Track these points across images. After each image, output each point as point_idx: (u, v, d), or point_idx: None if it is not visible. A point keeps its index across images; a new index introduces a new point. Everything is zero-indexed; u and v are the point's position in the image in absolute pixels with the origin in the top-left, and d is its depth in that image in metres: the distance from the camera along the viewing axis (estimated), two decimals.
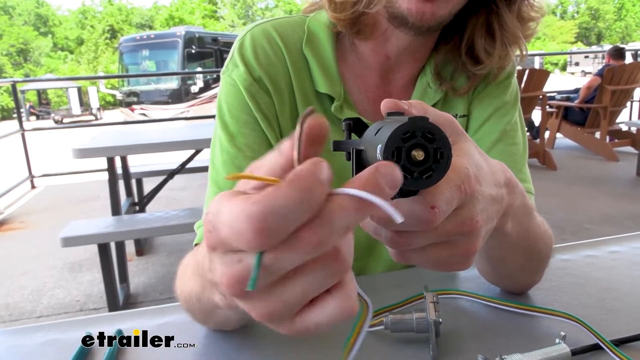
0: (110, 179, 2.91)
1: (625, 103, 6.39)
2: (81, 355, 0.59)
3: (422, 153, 0.30)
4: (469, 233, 0.38)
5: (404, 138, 0.30)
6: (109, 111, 24.18)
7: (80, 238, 2.38)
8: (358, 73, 0.78)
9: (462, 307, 0.65)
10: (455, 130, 0.42)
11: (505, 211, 0.45)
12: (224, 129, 0.74)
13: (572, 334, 0.56)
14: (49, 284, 3.23)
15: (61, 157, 6.29)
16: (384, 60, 0.77)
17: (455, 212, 0.37)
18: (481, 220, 0.39)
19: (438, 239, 0.37)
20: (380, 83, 0.79)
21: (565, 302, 0.66)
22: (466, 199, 0.37)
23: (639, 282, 0.70)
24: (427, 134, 0.30)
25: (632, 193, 4.78)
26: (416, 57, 0.78)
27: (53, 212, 5.07)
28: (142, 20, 48.67)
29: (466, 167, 0.37)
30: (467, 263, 0.40)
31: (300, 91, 0.76)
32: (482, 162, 0.41)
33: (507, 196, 0.45)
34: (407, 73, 0.80)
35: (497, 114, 0.79)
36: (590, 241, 0.86)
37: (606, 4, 60.46)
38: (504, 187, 0.44)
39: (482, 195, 0.39)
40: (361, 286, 0.72)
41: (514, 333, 0.59)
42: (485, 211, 0.40)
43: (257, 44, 0.76)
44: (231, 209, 0.26)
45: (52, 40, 46.21)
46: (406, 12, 0.65)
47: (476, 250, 0.39)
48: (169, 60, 15.44)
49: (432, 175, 0.31)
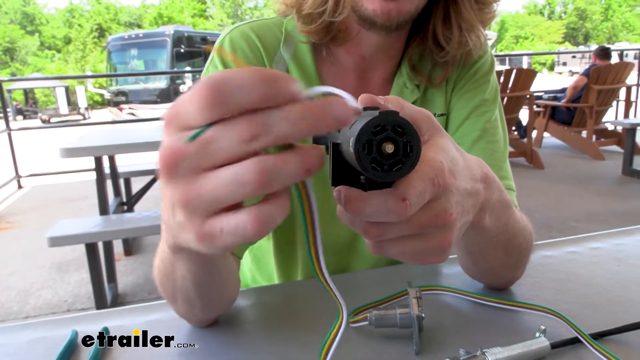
0: (98, 179, 2.90)
1: (611, 102, 6.46)
2: (67, 353, 0.59)
3: (392, 146, 0.31)
4: (442, 225, 0.39)
5: (375, 131, 0.31)
6: (97, 111, 23.98)
7: (67, 238, 2.36)
8: (335, 74, 0.79)
9: (445, 303, 0.66)
10: (431, 126, 0.42)
11: (482, 206, 0.46)
12: None
13: (552, 328, 0.57)
14: (36, 285, 3.20)
15: (48, 157, 6.24)
16: (360, 61, 0.78)
17: (428, 205, 0.37)
18: (455, 213, 0.39)
19: (412, 230, 0.38)
20: (358, 84, 0.80)
21: (546, 297, 0.67)
22: (439, 192, 0.37)
23: (619, 278, 0.72)
24: (397, 128, 0.31)
25: (617, 191, 4.83)
26: (391, 54, 0.79)
27: (40, 212, 5.03)
28: (130, 19, 48.36)
29: (440, 162, 0.38)
30: (443, 255, 0.41)
31: None
32: (458, 157, 0.42)
33: (484, 191, 0.46)
34: (384, 71, 0.80)
35: (477, 112, 0.79)
36: (572, 238, 0.87)
37: (593, 4, 61.06)
38: (480, 182, 0.45)
39: (456, 189, 0.40)
40: (345, 283, 0.73)
41: (495, 327, 0.60)
42: (459, 204, 0.40)
43: (236, 46, 0.77)
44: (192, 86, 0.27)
45: (39, 39, 45.80)
46: (372, 14, 0.66)
47: (451, 242, 0.40)
48: (157, 60, 15.38)
49: (402, 167, 0.32)
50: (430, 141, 0.41)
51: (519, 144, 5.94)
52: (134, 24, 47.67)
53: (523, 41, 58.62)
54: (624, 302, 0.65)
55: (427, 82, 0.80)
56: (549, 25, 60.50)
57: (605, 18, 60.88)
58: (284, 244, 0.85)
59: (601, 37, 58.67)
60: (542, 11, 66.25)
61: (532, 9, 66.86)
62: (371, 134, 0.31)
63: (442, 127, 0.43)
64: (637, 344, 0.55)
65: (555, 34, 58.69)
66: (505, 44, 59.39)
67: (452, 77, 0.82)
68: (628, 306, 0.63)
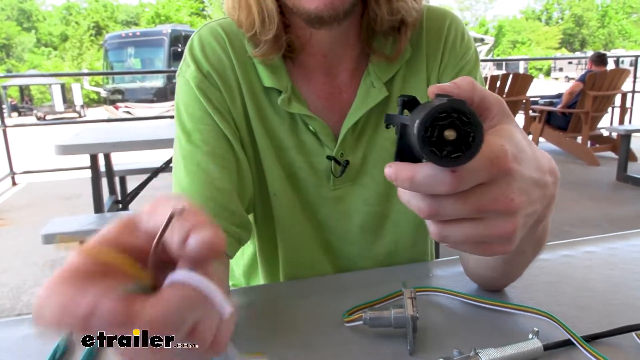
0: (94, 177, 2.89)
1: (606, 109, 6.50)
2: (62, 349, 0.59)
3: (454, 133, 0.32)
4: (504, 211, 0.38)
5: (440, 117, 0.32)
6: (93, 109, 23.90)
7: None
8: (303, 75, 0.79)
9: (440, 304, 0.67)
10: (502, 110, 0.42)
11: (550, 200, 0.45)
12: (181, 127, 0.75)
13: (545, 330, 0.58)
14: (29, 282, 3.19)
15: (43, 154, 6.22)
16: (322, 60, 0.78)
17: (487, 187, 0.37)
18: (518, 200, 0.38)
19: (469, 212, 0.37)
20: (326, 80, 0.80)
21: (540, 299, 0.67)
22: (498, 174, 0.37)
23: (612, 281, 0.72)
24: (462, 117, 0.32)
25: (612, 197, 4.86)
26: (349, 42, 0.78)
27: (34, 209, 5.01)
28: (127, 17, 48.27)
29: (502, 145, 0.37)
30: (508, 245, 0.40)
31: (247, 87, 0.77)
32: (525, 145, 0.41)
33: (553, 185, 0.45)
34: (350, 63, 0.80)
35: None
36: (567, 241, 0.88)
37: (590, 11, 61.43)
38: (549, 175, 0.44)
39: (520, 176, 0.38)
40: (340, 283, 0.73)
41: (489, 329, 0.60)
42: (524, 192, 0.39)
43: (204, 42, 0.77)
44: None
45: (36, 36, 45.65)
46: (316, 11, 0.65)
47: (515, 230, 0.39)
48: (154, 58, 15.36)
49: (461, 156, 0.32)
50: (498, 126, 0.41)
51: None
52: (131, 23, 47.57)
53: (520, 46, 58.85)
54: (616, 305, 0.65)
55: (383, 58, 0.78)
56: (546, 31, 60.78)
57: (601, 25, 61.23)
58: (267, 249, 0.85)
59: (597, 43, 59.01)
60: (540, 17, 66.57)
61: (529, 14, 67.17)
62: (435, 119, 0.32)
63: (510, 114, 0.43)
64: (628, 346, 0.56)
65: (552, 40, 58.97)
66: (502, 48, 59.64)
67: (432, 74, 0.81)
68: (620, 309, 0.64)
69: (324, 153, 0.79)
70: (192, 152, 0.73)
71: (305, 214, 0.82)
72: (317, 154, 0.80)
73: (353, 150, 0.80)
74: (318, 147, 0.79)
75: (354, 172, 0.81)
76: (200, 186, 0.71)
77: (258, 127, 0.78)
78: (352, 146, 0.80)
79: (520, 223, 0.39)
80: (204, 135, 0.74)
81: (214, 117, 0.74)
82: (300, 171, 0.80)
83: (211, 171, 0.71)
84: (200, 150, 0.73)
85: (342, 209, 0.82)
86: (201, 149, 0.73)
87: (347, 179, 0.81)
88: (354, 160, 0.80)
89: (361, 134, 0.80)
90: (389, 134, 0.80)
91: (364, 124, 0.80)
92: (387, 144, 0.80)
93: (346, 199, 0.82)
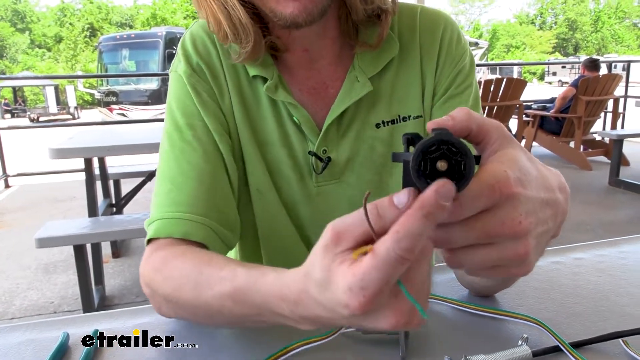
0: (88, 180, 2.89)
1: (599, 113, 6.54)
2: (58, 356, 0.59)
3: (446, 164, 0.34)
4: (513, 235, 0.38)
5: (430, 150, 0.34)
6: (87, 110, 23.83)
7: (56, 239, 2.35)
8: (287, 71, 0.78)
9: (432, 310, 0.68)
10: (501, 135, 0.42)
11: (562, 218, 0.45)
12: (173, 123, 0.75)
13: (534, 336, 0.59)
14: (22, 285, 3.18)
15: (37, 156, 6.19)
16: (304, 54, 0.77)
17: (493, 212, 0.38)
18: (526, 222, 0.39)
19: (480, 239, 0.38)
20: (309, 75, 0.79)
21: (529, 306, 0.68)
22: (502, 199, 0.37)
23: (600, 288, 0.74)
24: (451, 148, 0.34)
25: (604, 201, 4.90)
26: (329, 35, 0.77)
27: (27, 212, 4.99)
28: (122, 19, 48.15)
29: (504, 170, 0.38)
30: (525, 267, 0.40)
31: (232, 78, 0.77)
32: (528, 167, 0.41)
33: (565, 202, 0.45)
34: (332, 56, 0.79)
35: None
36: (556, 248, 0.89)
37: (583, 16, 61.81)
38: (559, 192, 0.45)
39: (525, 198, 0.39)
40: None
41: (479, 335, 0.61)
42: (533, 214, 0.40)
43: (195, 36, 0.78)
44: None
45: (30, 37, 45.45)
46: (291, 17, 0.65)
47: (528, 252, 0.39)
48: (149, 61, 15.31)
49: (455, 184, 0.34)
50: (499, 152, 0.41)
51: None
52: (125, 24, 47.47)
53: (514, 50, 59.13)
54: (604, 312, 0.66)
55: (366, 47, 0.77)
56: (540, 35, 61.11)
57: (595, 29, 61.63)
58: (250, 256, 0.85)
59: (591, 48, 59.36)
60: (534, 21, 66.92)
61: (523, 19, 67.50)
62: (426, 153, 0.34)
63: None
64: (616, 353, 0.57)
65: (545, 44, 59.28)
66: (496, 52, 59.88)
67: (428, 82, 0.80)
68: (608, 316, 0.65)
69: (308, 148, 0.78)
70: (185, 150, 0.72)
71: (289, 211, 0.81)
72: (301, 148, 0.79)
73: (337, 147, 0.79)
74: (302, 140, 0.78)
75: (339, 170, 0.80)
76: (192, 185, 0.70)
77: (242, 120, 0.77)
78: (336, 143, 0.78)
79: (532, 244, 0.40)
80: (197, 132, 0.73)
81: (203, 113, 0.74)
82: (284, 166, 0.79)
83: (203, 170, 0.71)
84: (192, 147, 0.72)
85: (326, 207, 0.81)
86: (193, 146, 0.72)
87: (331, 177, 0.80)
88: (338, 157, 0.79)
89: (347, 130, 0.79)
90: (378, 134, 0.79)
91: (350, 120, 0.78)
92: (377, 144, 0.79)
93: (330, 197, 0.81)
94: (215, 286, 0.53)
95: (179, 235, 0.67)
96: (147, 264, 0.66)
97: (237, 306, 0.51)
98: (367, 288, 0.34)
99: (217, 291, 0.53)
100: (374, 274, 0.34)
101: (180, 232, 0.67)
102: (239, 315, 0.52)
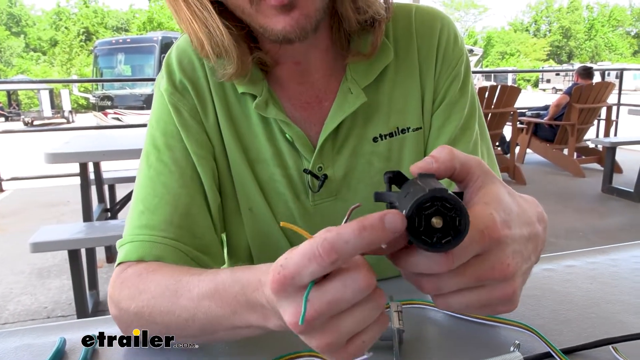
0: (83, 185, 2.88)
1: (592, 121, 6.59)
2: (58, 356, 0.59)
3: (441, 221, 0.34)
4: (501, 278, 0.39)
5: (425, 207, 0.34)
6: (82, 114, 23.74)
7: (50, 244, 2.34)
8: (278, 85, 0.75)
9: (425, 317, 0.68)
10: (483, 171, 0.43)
11: (542, 247, 0.47)
12: (152, 142, 0.72)
13: (526, 342, 0.60)
14: (16, 290, 3.16)
15: (31, 160, 6.17)
16: (296, 67, 0.74)
17: (482, 258, 0.39)
18: (513, 263, 0.40)
19: (469, 283, 0.39)
20: (302, 89, 0.76)
21: (522, 312, 0.69)
22: (491, 244, 0.38)
23: (591, 295, 0.74)
24: (445, 204, 0.34)
25: (597, 208, 4.92)
26: (321, 46, 0.74)
27: (21, 216, 4.97)
28: (118, 23, 48.09)
29: (491, 214, 0.39)
30: (511, 305, 0.42)
31: (219, 97, 0.74)
32: (510, 204, 0.42)
33: (543, 232, 0.47)
34: (324, 68, 0.76)
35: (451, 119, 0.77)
36: (548, 255, 0.90)
37: (577, 24, 62.23)
38: (538, 223, 0.46)
39: (511, 239, 0.40)
40: None
41: (472, 341, 0.62)
42: (518, 253, 0.41)
43: (181, 53, 0.75)
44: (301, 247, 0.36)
45: (25, 41, 45.31)
46: (284, 32, 0.61)
47: (515, 291, 0.41)
48: (145, 65, 15.27)
49: (451, 240, 0.35)
50: (482, 190, 0.42)
51: (502, 159, 6.03)
52: (121, 29, 47.41)
53: (509, 57, 59.44)
54: (594, 319, 0.67)
55: (359, 56, 0.73)
56: (534, 43, 61.45)
57: (588, 37, 62.06)
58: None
59: (584, 55, 59.76)
60: (528, 28, 67.31)
61: (518, 26, 67.89)
62: (420, 210, 0.34)
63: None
64: (606, 359, 0.58)
65: (540, 52, 59.62)
66: (491, 59, 60.17)
67: (427, 89, 0.78)
68: (598, 323, 0.66)
69: (302, 165, 0.75)
70: (161, 171, 0.70)
71: (284, 230, 0.77)
72: (295, 166, 0.75)
73: (333, 163, 0.75)
74: (296, 158, 0.75)
75: (335, 187, 0.77)
76: (166, 209, 0.68)
77: (230, 139, 0.74)
78: (332, 159, 0.75)
79: (519, 282, 0.42)
80: (174, 154, 0.71)
81: (183, 134, 0.71)
82: (278, 185, 0.76)
83: (179, 195, 0.69)
84: (168, 169, 0.70)
85: (322, 224, 0.76)
86: (169, 168, 0.70)
87: (328, 194, 0.77)
88: (335, 174, 0.76)
89: (343, 145, 0.75)
90: (375, 149, 0.76)
91: (345, 135, 0.75)
92: (375, 159, 0.77)
93: (326, 214, 0.78)
94: (194, 289, 0.52)
95: (151, 258, 0.65)
96: (118, 281, 0.64)
97: (214, 304, 0.50)
98: (286, 267, 0.36)
99: (196, 293, 0.52)
100: (295, 257, 0.36)
101: (153, 255, 0.65)
102: (214, 317, 0.50)
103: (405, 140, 0.78)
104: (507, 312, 0.42)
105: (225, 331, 0.52)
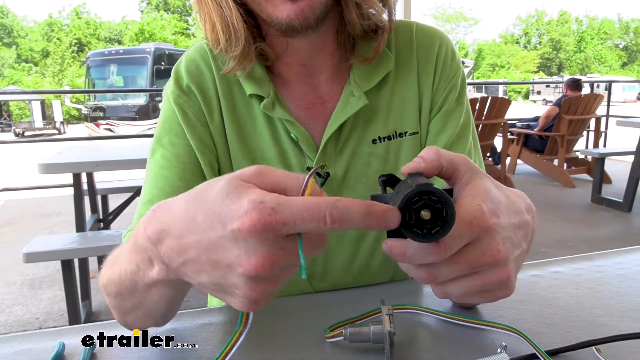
0: (76, 195, 2.88)
1: (581, 132, 6.66)
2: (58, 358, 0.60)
3: (429, 213, 0.37)
4: (494, 262, 0.42)
5: (413, 202, 0.37)
6: (73, 125, 23.66)
7: (43, 254, 2.34)
8: (283, 86, 0.80)
9: (416, 321, 0.70)
10: (469, 168, 0.45)
11: (532, 235, 0.49)
12: (157, 140, 0.77)
13: (513, 344, 0.61)
14: (7, 301, 3.14)
15: (23, 171, 6.14)
16: (301, 69, 0.79)
17: (474, 245, 0.41)
18: (504, 249, 0.42)
19: (464, 271, 0.42)
20: (307, 90, 0.80)
21: (509, 316, 0.71)
22: (480, 232, 0.41)
23: (575, 300, 0.77)
24: (432, 197, 0.37)
25: (587, 218, 4.97)
26: (327, 49, 0.79)
27: (13, 227, 4.93)
28: (110, 34, 48.07)
29: (478, 204, 0.41)
30: (507, 289, 0.45)
31: (226, 101, 0.78)
32: (498, 196, 0.45)
33: (532, 220, 0.49)
34: (329, 72, 0.80)
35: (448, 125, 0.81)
36: (535, 262, 0.92)
37: (567, 36, 62.91)
38: (526, 213, 0.48)
39: (500, 227, 0.43)
40: (323, 301, 0.76)
41: (461, 344, 0.64)
42: (508, 239, 0.43)
43: (189, 59, 0.80)
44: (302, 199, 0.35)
45: (16, 52, 45.16)
46: (288, 20, 0.66)
47: (509, 276, 0.43)
48: (137, 76, 15.30)
49: (440, 230, 0.37)
50: (469, 185, 0.44)
51: (493, 170, 6.08)
52: (114, 40, 47.40)
53: (499, 69, 59.95)
54: (578, 322, 0.69)
55: (362, 60, 0.78)
56: (524, 55, 62.02)
57: (578, 49, 62.75)
58: None
59: (574, 67, 60.38)
60: (519, 41, 67.97)
61: (508, 39, 68.53)
62: (409, 204, 0.37)
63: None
64: None
65: (530, 64, 60.17)
66: (482, 71, 60.65)
67: (425, 96, 0.82)
68: (582, 326, 0.68)
69: (306, 164, 0.79)
70: (163, 165, 0.74)
71: None
72: (298, 165, 0.79)
73: (335, 163, 0.79)
74: (299, 157, 0.79)
75: (336, 186, 0.80)
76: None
77: (235, 139, 0.78)
78: (334, 158, 0.79)
79: (512, 267, 0.44)
80: (177, 150, 0.75)
81: (186, 131, 0.75)
82: None
83: (177, 186, 0.72)
84: (170, 164, 0.74)
85: None
86: (171, 163, 0.74)
87: (329, 193, 0.76)
88: (336, 173, 0.79)
89: (344, 146, 0.79)
90: (374, 150, 0.80)
91: (347, 135, 0.79)
92: (373, 160, 0.80)
93: None
94: (125, 250, 0.51)
95: None
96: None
97: (126, 260, 0.48)
98: (279, 212, 0.34)
99: (124, 255, 0.50)
100: (294, 208, 0.34)
101: None
102: (128, 275, 0.48)
103: (402, 143, 0.82)
104: (505, 297, 0.45)
105: (144, 292, 0.49)
